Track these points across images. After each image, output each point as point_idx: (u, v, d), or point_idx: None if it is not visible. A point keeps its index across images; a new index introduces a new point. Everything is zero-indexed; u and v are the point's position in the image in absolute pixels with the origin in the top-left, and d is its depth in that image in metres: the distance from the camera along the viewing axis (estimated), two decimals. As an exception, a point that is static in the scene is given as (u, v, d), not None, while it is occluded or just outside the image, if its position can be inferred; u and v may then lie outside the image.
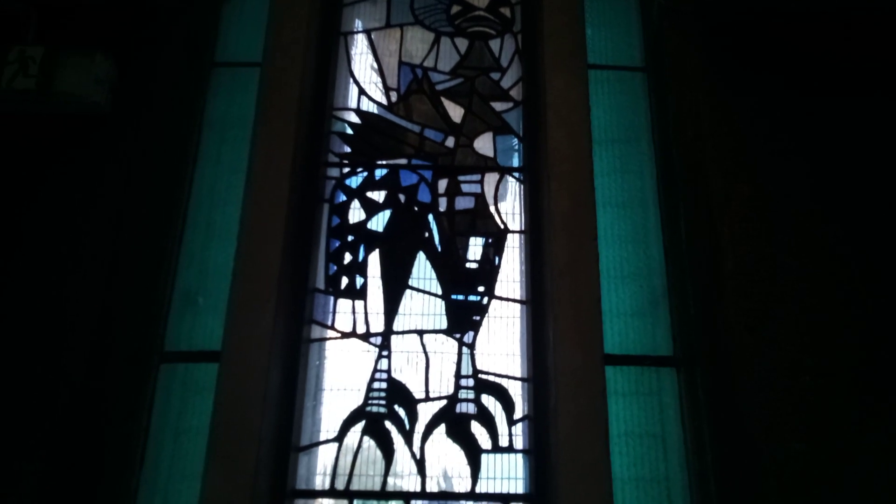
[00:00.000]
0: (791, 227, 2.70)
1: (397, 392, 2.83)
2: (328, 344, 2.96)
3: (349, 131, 3.33)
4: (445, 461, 2.73)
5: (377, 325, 2.95)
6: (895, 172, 2.82)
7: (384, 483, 2.70)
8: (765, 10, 3.06)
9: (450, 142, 3.29)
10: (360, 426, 2.77)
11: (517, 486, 2.71)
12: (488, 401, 2.82)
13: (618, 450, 2.64)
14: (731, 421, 2.50)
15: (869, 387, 2.47)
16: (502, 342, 2.93)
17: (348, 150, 3.29)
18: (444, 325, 2.95)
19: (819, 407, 2.44)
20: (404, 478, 2.71)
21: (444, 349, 2.91)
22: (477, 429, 2.77)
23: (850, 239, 2.69)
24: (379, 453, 2.73)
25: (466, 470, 2.71)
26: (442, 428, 2.77)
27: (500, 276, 3.05)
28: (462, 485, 2.71)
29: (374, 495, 2.69)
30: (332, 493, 2.70)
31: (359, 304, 2.98)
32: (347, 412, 2.80)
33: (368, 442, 2.75)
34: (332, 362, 2.94)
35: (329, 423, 2.80)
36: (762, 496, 2.36)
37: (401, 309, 2.98)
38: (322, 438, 2.78)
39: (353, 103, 3.40)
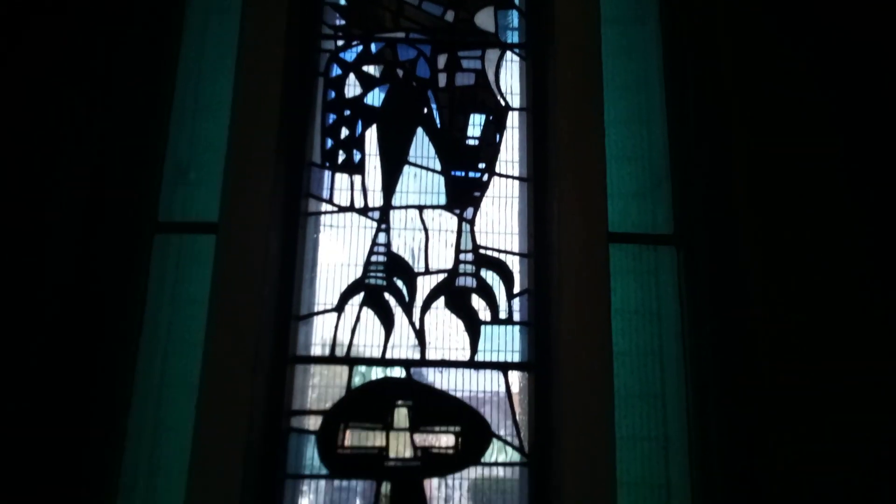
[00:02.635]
0: (802, 104, 2.67)
1: (397, 265, 2.80)
2: (325, 218, 2.90)
3: (343, 2, 3.19)
4: (445, 331, 2.74)
5: (375, 200, 2.90)
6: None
7: (384, 351, 2.70)
8: None
9: (449, 16, 3.16)
10: (358, 298, 2.76)
11: (515, 357, 2.74)
12: (487, 275, 2.82)
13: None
14: (731, 297, 2.54)
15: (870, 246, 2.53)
16: (502, 219, 2.91)
17: (343, 22, 3.16)
18: (443, 201, 2.91)
19: (820, 280, 2.48)
20: (403, 348, 2.72)
21: (444, 225, 2.88)
22: (477, 302, 2.78)
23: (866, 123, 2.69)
24: (378, 323, 2.73)
25: (466, 340, 2.73)
26: (441, 300, 2.77)
27: (500, 156, 2.99)
28: (462, 355, 2.72)
29: (374, 362, 2.69)
30: (332, 359, 2.70)
31: (356, 179, 2.92)
32: (345, 285, 2.77)
33: (367, 313, 2.74)
34: (329, 236, 2.89)
35: (327, 295, 2.78)
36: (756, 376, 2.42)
37: (399, 186, 2.93)
38: (321, 309, 2.77)
39: (348, -29, 3.23)
